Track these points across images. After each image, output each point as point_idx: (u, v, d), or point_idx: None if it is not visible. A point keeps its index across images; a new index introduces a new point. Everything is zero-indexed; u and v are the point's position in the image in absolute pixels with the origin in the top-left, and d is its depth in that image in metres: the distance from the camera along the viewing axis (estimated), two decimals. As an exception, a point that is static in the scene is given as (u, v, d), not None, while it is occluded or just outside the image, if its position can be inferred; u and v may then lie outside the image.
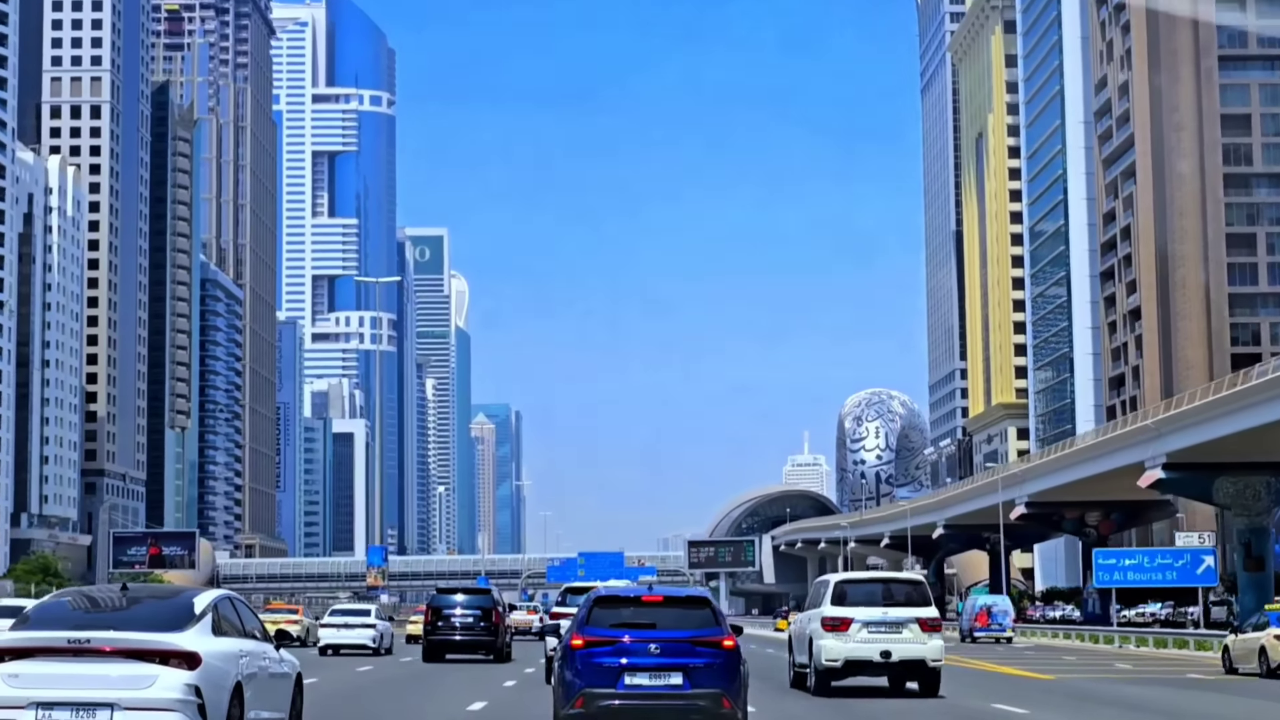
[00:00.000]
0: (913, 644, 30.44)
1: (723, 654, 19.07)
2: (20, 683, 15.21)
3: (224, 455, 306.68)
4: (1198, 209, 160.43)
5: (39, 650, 15.35)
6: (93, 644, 15.32)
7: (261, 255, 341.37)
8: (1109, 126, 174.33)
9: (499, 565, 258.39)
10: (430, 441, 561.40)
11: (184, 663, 15.43)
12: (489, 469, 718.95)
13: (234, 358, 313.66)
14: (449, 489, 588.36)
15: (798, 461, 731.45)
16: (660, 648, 18.95)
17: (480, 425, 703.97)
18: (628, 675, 18.90)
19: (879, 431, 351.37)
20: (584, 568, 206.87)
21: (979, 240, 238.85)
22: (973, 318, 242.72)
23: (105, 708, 15.17)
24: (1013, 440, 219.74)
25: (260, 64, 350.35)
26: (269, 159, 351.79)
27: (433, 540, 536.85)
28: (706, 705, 18.84)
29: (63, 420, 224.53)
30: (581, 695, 18.93)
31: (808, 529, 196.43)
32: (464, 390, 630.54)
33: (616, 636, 19.12)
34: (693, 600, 19.73)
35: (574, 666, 19.12)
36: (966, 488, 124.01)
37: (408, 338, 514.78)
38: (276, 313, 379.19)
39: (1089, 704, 30.55)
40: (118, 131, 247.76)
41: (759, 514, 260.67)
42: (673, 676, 18.88)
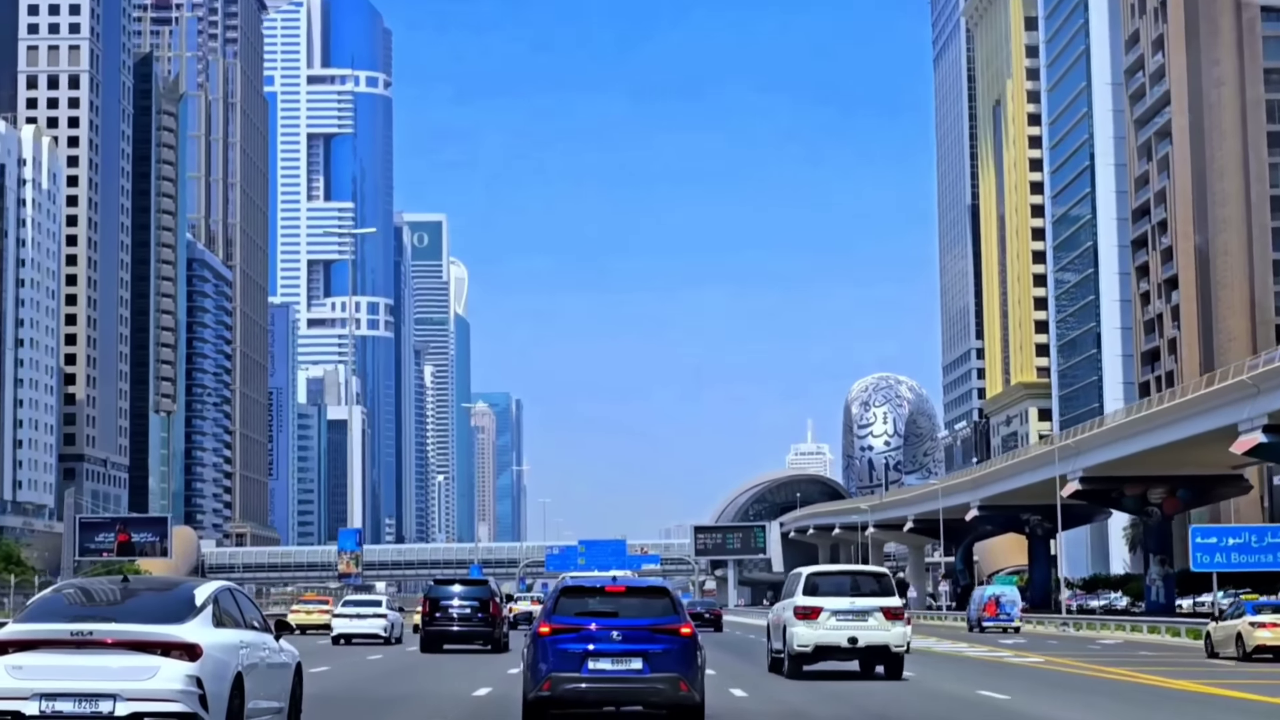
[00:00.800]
0: (877, 631, 32.35)
1: (680, 641, 20.05)
2: (24, 674, 15.29)
3: (212, 441, 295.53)
4: (1239, 170, 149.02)
5: (42, 642, 15.46)
6: (95, 636, 15.42)
7: (253, 236, 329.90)
8: (1141, 85, 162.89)
9: (495, 554, 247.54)
10: (429, 430, 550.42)
11: (185, 654, 15.51)
12: (489, 458, 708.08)
13: (223, 340, 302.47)
14: (448, 478, 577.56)
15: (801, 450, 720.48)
16: (622, 634, 19.90)
17: (480, 413, 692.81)
18: (591, 660, 19.82)
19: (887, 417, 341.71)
20: (584, 556, 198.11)
21: (996, 214, 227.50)
22: (990, 295, 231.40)
23: (108, 698, 15.24)
24: (1033, 421, 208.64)
25: (251, 40, 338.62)
26: (260, 138, 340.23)
27: (432, 530, 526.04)
28: (664, 688, 19.81)
29: (38, 403, 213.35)
30: (549, 679, 19.90)
31: (820, 514, 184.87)
32: (463, 378, 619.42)
33: (581, 624, 20.04)
34: (653, 591, 20.80)
35: (542, 652, 20.06)
36: (1008, 462, 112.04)
37: (405, 324, 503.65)
38: (269, 296, 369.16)
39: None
40: (97, 102, 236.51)
41: (766, 500, 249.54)
42: (633, 661, 19.84)
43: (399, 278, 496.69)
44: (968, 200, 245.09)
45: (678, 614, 20.44)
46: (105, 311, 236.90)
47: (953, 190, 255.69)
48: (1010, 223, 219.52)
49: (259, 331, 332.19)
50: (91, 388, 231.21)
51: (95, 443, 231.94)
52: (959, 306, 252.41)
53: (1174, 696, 29.47)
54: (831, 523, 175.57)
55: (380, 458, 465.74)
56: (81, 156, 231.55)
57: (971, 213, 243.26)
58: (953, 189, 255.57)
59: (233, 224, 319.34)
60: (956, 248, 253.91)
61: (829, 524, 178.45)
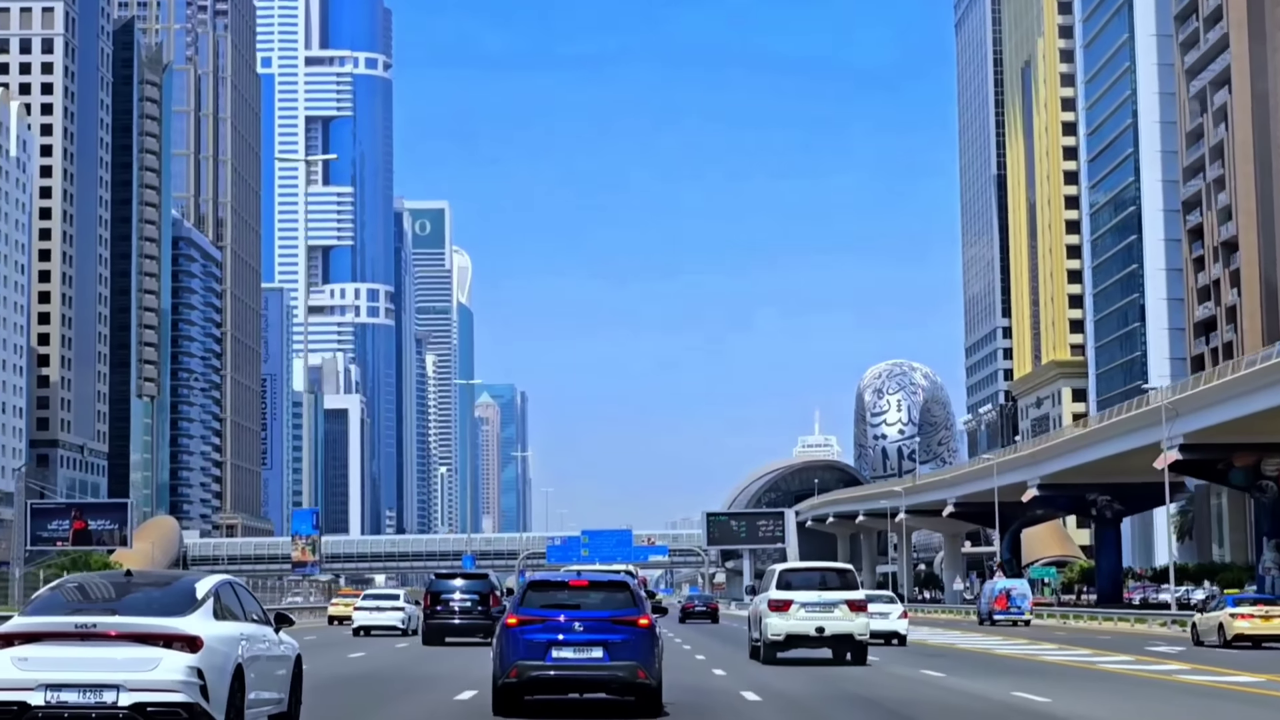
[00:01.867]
0: (842, 621, 35.46)
1: (638, 631, 21.06)
2: (29, 666, 15.42)
3: (200, 428, 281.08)
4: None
5: (47, 634, 15.58)
6: (99, 628, 15.57)
7: (245, 216, 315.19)
8: (1194, 30, 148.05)
9: (495, 545, 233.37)
10: (431, 420, 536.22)
11: (186, 646, 15.66)
12: (493, 451, 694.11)
13: (211, 323, 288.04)
14: (451, 470, 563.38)
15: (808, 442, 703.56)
16: (583, 625, 20.93)
17: (485, 405, 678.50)
18: (555, 649, 20.86)
19: (901, 405, 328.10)
20: (587, 547, 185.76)
21: (1025, 184, 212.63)
22: (1018, 269, 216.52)
23: (111, 689, 15.41)
24: (1067, 402, 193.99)
25: (243, 13, 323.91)
26: (253, 114, 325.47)
27: (434, 522, 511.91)
28: (623, 675, 20.94)
29: (6, 384, 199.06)
30: (515, 666, 20.95)
31: (842, 500, 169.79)
32: (467, 368, 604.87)
33: (546, 615, 21.08)
34: (615, 585, 21.89)
35: (509, 642, 21.10)
36: (1079, 432, 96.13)
37: (406, 311, 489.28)
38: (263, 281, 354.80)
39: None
40: (73, 68, 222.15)
41: (779, 489, 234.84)
42: (594, 650, 20.90)
43: (399, 264, 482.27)
44: (993, 171, 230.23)
45: (637, 606, 21.42)
46: (82, 290, 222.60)
47: (976, 162, 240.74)
48: (1041, 192, 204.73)
49: (252, 315, 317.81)
50: (66, 369, 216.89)
51: (71, 427, 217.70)
52: (983, 284, 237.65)
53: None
54: (854, 510, 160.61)
55: (380, 448, 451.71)
56: (56, 125, 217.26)
57: (997, 184, 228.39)
58: (976, 159, 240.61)
59: (223, 203, 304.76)
60: (980, 223, 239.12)
61: (851, 511, 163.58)
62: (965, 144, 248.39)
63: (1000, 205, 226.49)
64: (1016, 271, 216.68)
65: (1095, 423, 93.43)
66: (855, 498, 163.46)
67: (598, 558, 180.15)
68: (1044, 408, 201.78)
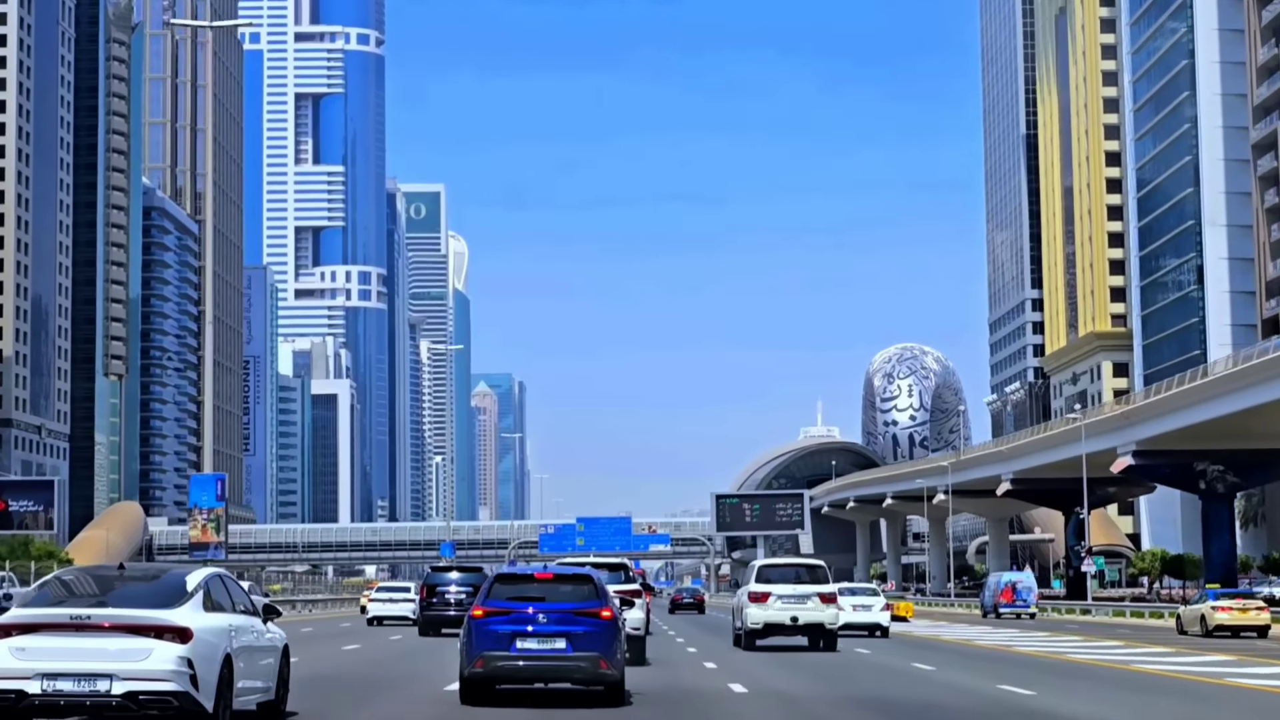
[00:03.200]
0: (814, 611, 38.67)
1: (601, 623, 21.30)
2: (27, 656, 15.83)
3: (175, 410, 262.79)
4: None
5: (43, 626, 15.99)
6: (93, 620, 15.98)
7: (226, 190, 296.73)
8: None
9: (485, 534, 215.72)
10: (425, 408, 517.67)
11: (177, 637, 16.06)
12: (491, 441, 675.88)
13: (188, 300, 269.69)
14: (446, 459, 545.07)
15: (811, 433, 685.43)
16: (547, 617, 21.19)
17: (482, 395, 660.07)
18: (519, 640, 21.10)
19: (912, 390, 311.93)
20: (583, 536, 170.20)
21: (1060, 141, 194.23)
22: (1052, 235, 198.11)
23: (105, 678, 15.83)
24: (1107, 377, 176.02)
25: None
26: (234, 82, 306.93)
27: (429, 513, 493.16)
28: (586, 666, 21.16)
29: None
30: (481, 657, 21.14)
31: (868, 483, 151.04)
32: (463, 354, 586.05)
33: (511, 608, 21.34)
34: (579, 578, 22.04)
35: (475, 633, 21.29)
36: (1197, 382, 76.29)
37: (399, 295, 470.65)
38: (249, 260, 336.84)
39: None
40: (29, 20, 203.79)
41: (789, 474, 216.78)
42: (557, 641, 21.10)
43: (392, 246, 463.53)
44: (1022, 130, 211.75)
45: (600, 599, 21.60)
46: (40, 259, 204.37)
47: (1003, 121, 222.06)
48: (1078, 149, 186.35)
49: (233, 294, 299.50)
50: (21, 343, 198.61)
51: (27, 406, 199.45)
52: (1011, 252, 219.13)
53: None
54: (881, 493, 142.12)
55: (372, 436, 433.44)
56: (9, 79, 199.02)
57: (1027, 144, 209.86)
58: (1003, 120, 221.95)
59: (202, 175, 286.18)
60: (1007, 187, 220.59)
61: (877, 495, 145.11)
62: (990, 103, 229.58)
63: (1030, 169, 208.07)
64: (1049, 237, 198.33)
65: (1219, 369, 74.42)
66: (883, 478, 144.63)
67: (594, 547, 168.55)
68: (1081, 384, 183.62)
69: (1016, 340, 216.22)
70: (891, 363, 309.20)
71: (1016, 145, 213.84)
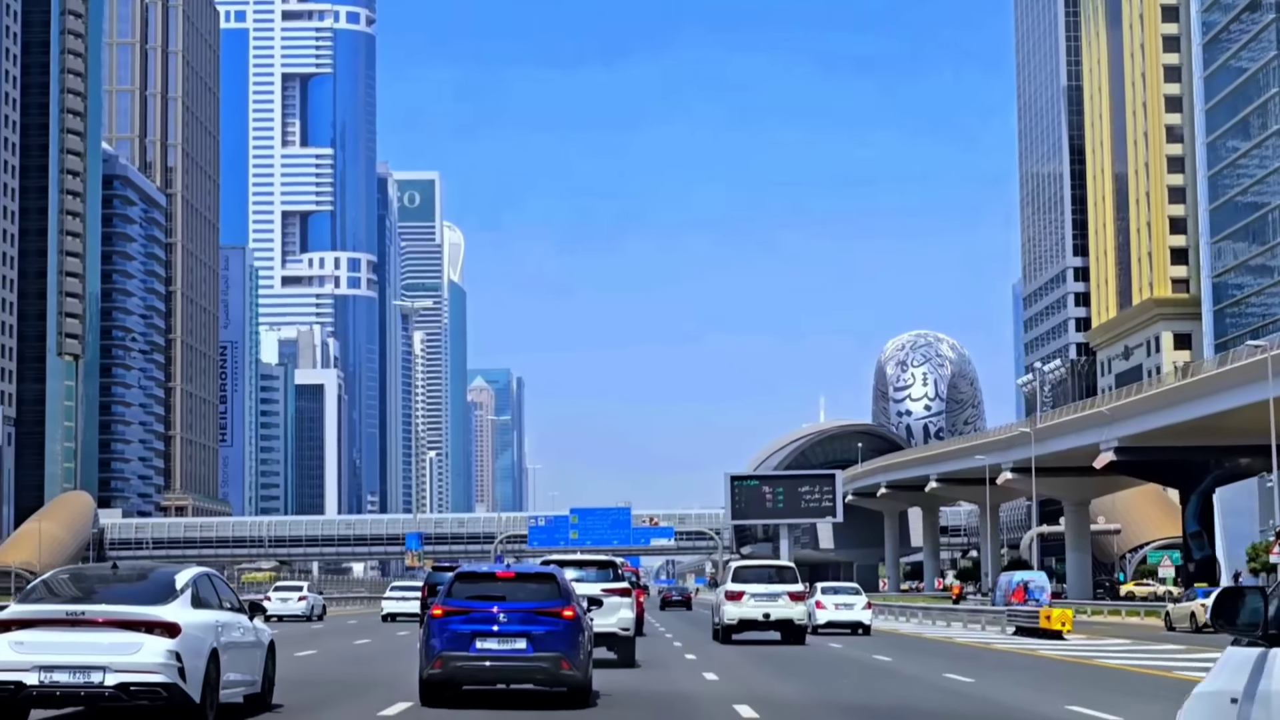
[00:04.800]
0: (784, 609, 41.78)
1: (563, 623, 20.41)
2: (25, 649, 16.71)
3: (140, 395, 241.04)
4: None
5: (40, 621, 16.89)
6: (87, 616, 16.84)
7: (200, 163, 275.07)
8: None
9: (469, 526, 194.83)
10: (418, 401, 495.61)
11: (166, 632, 16.88)
12: (488, 437, 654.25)
13: (154, 277, 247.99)
14: (441, 455, 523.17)
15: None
16: (508, 616, 20.30)
17: (478, 390, 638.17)
18: (479, 640, 20.20)
19: (926, 378, 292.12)
20: (577, 529, 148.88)
21: (1109, 90, 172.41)
22: (1099, 194, 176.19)
23: (99, 670, 16.66)
24: (1168, 348, 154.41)
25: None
26: (209, 49, 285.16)
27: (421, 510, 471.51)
28: (547, 666, 20.25)
29: None
30: (440, 657, 20.19)
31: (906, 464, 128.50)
32: (458, 348, 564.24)
33: (471, 607, 20.44)
34: (540, 576, 21.37)
35: (434, 633, 20.37)
36: None
37: (391, 284, 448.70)
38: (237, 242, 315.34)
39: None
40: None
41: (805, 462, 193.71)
42: (518, 642, 20.21)
43: (383, 233, 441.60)
44: (1062, 81, 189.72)
45: (563, 598, 20.86)
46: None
47: (1039, 76, 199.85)
48: (1133, 96, 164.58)
49: (208, 274, 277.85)
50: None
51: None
52: (1049, 218, 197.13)
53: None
54: (921, 475, 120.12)
55: (362, 429, 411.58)
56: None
57: (1069, 95, 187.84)
58: (1039, 74, 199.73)
59: (173, 145, 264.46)
60: (1044, 145, 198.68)
61: (915, 479, 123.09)
62: (1024, 57, 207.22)
63: (1073, 123, 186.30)
64: (1096, 198, 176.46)
65: None
66: (928, 457, 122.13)
67: (589, 540, 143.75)
68: (1135, 358, 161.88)
69: (1055, 314, 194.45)
70: (905, 350, 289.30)
71: (1055, 99, 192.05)
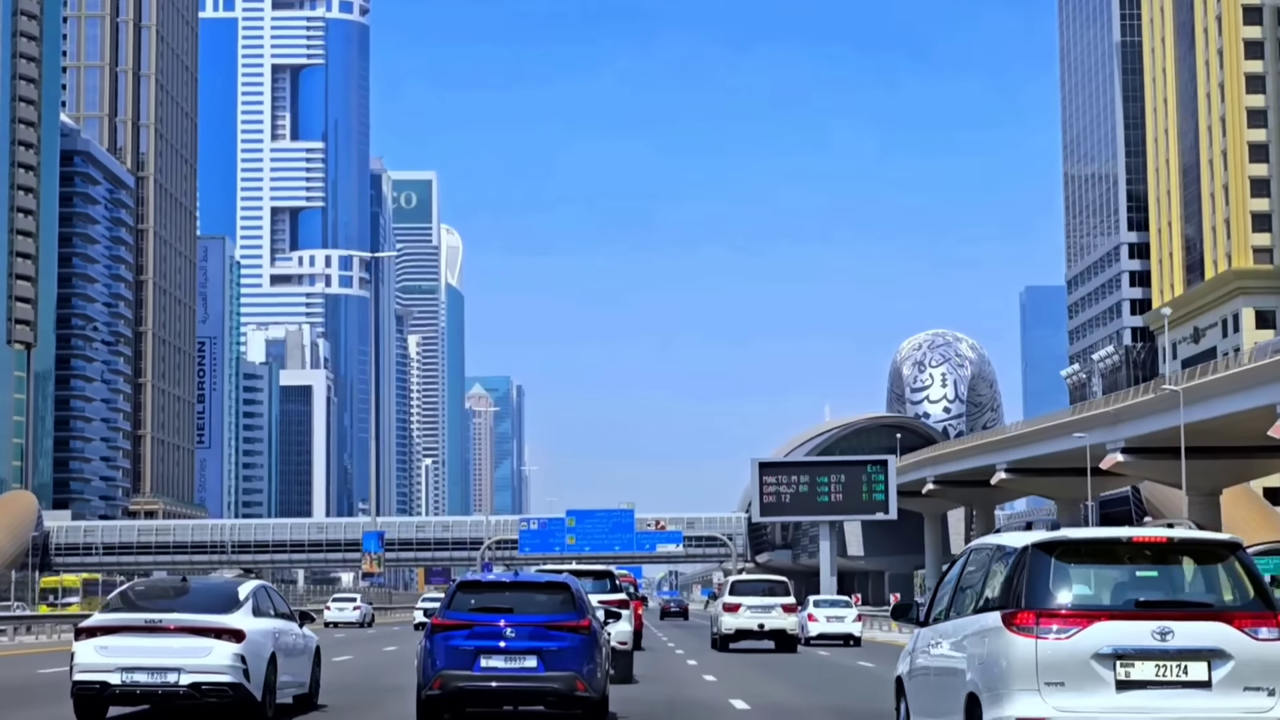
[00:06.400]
0: (777, 619, 45.25)
1: (578, 638, 18.85)
2: (109, 653, 18.94)
3: (104, 390, 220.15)
4: None
5: (122, 628, 19.11)
6: (163, 623, 19.09)
7: (175, 145, 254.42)
8: None
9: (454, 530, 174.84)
10: (413, 406, 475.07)
11: (232, 638, 19.07)
12: (486, 446, 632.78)
13: (120, 263, 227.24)
14: (438, 462, 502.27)
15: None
16: (516, 631, 18.73)
17: (477, 397, 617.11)
18: (483, 658, 18.63)
19: (946, 379, 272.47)
20: (575, 533, 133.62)
21: (1173, 40, 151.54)
22: (1162, 158, 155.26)
23: (174, 671, 18.84)
24: (1249, 327, 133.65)
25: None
26: (186, 25, 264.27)
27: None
28: (560, 688, 18.63)
29: None
30: (439, 676, 18.62)
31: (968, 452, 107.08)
32: (456, 353, 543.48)
33: (475, 620, 18.86)
34: (553, 585, 19.54)
35: (434, 649, 18.79)
36: None
37: (385, 284, 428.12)
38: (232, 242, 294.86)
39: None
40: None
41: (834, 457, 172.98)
42: (527, 659, 18.62)
43: (377, 230, 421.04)
44: (1115, 36, 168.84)
45: (578, 610, 19.08)
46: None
47: (1088, 31, 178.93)
48: (1203, 44, 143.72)
49: (184, 264, 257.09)
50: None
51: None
52: (1098, 190, 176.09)
53: None
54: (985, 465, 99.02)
55: (353, 433, 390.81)
56: None
57: (1124, 52, 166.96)
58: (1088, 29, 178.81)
59: (145, 125, 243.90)
60: (1094, 108, 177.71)
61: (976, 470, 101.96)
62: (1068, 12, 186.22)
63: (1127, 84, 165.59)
64: (1159, 162, 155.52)
65: None
66: (997, 442, 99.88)
67: (587, 546, 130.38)
68: (1208, 339, 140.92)
69: (1107, 296, 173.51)
70: (922, 350, 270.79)
71: (1106, 57, 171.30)
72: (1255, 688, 11.73)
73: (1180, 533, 12.14)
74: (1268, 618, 11.80)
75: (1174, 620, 11.68)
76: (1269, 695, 11.73)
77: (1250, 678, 11.69)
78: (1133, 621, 11.67)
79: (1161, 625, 11.68)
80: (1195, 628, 11.70)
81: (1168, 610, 11.74)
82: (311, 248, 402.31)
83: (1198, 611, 11.83)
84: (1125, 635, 11.60)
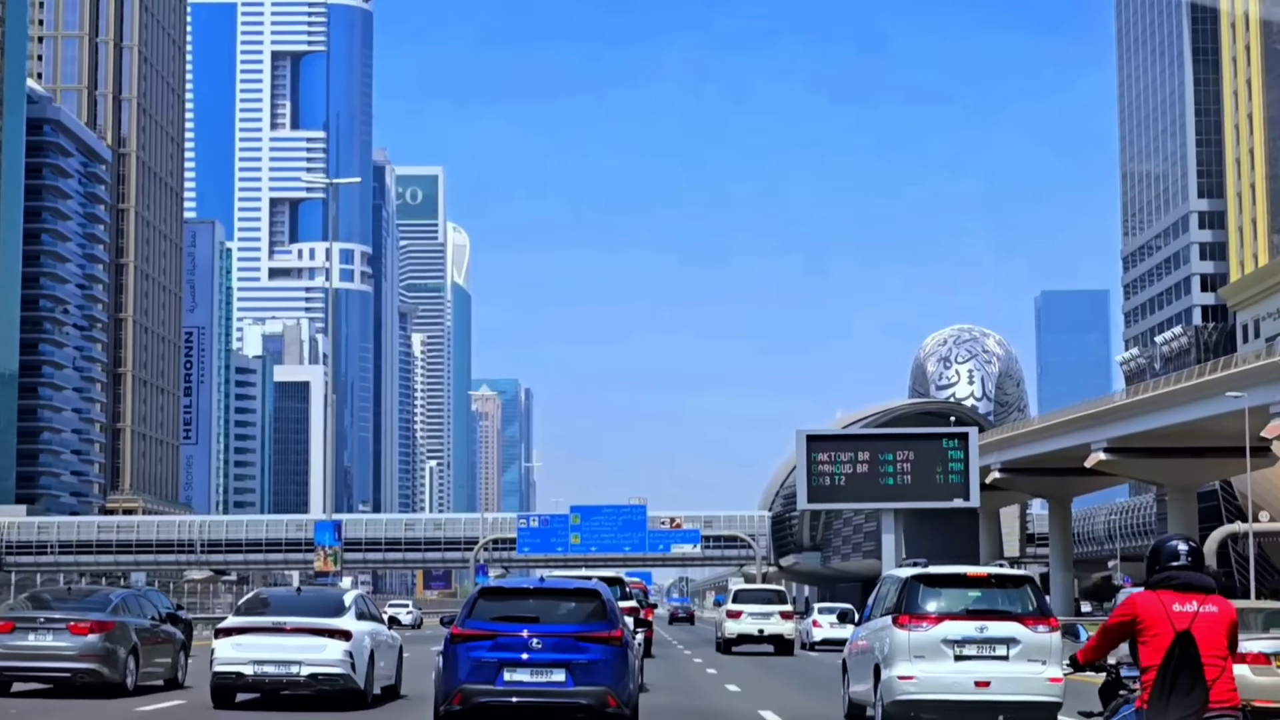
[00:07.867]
0: (776, 625, 49.50)
1: (609, 649, 17.76)
2: (243, 650, 22.97)
3: (75, 378, 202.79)
4: None
5: (253, 629, 23.20)
6: (286, 625, 23.20)
7: (160, 121, 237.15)
8: None
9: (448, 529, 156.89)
10: (417, 406, 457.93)
11: (342, 637, 23.02)
12: (493, 450, 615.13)
13: (96, 243, 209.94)
14: (442, 465, 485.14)
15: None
16: (542, 642, 17.55)
17: (483, 398, 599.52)
18: (507, 671, 17.51)
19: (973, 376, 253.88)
20: (580, 531, 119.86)
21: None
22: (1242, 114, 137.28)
23: (295, 664, 22.84)
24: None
25: None
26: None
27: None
28: (590, 704, 17.59)
29: None
30: (460, 690, 17.57)
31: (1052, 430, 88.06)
32: (462, 353, 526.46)
33: (498, 630, 17.72)
34: (583, 593, 18.43)
35: (454, 660, 17.74)
36: None
37: (388, 279, 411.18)
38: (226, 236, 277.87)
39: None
40: None
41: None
42: (555, 673, 17.49)
43: (379, 224, 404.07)
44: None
45: (609, 620, 17.98)
46: None
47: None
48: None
49: (169, 249, 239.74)
50: None
51: None
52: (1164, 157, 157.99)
53: None
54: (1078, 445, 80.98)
55: (354, 432, 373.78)
56: None
57: (1192, 12, 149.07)
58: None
59: (127, 99, 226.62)
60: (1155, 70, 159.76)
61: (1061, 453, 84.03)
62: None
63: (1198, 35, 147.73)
64: (1239, 118, 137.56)
65: None
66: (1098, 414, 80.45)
67: (594, 546, 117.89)
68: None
69: (1172, 272, 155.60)
70: (947, 345, 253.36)
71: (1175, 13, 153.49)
72: (1035, 660, 19.85)
73: (996, 570, 20.67)
74: (1043, 619, 19.90)
75: (988, 621, 19.81)
76: (1042, 664, 19.86)
77: (1032, 654, 19.78)
78: (964, 621, 19.85)
79: (981, 624, 19.91)
80: (1000, 625, 19.87)
81: (985, 615, 19.87)
82: (311, 240, 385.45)
83: (1002, 615, 19.92)
84: (960, 630, 19.60)
